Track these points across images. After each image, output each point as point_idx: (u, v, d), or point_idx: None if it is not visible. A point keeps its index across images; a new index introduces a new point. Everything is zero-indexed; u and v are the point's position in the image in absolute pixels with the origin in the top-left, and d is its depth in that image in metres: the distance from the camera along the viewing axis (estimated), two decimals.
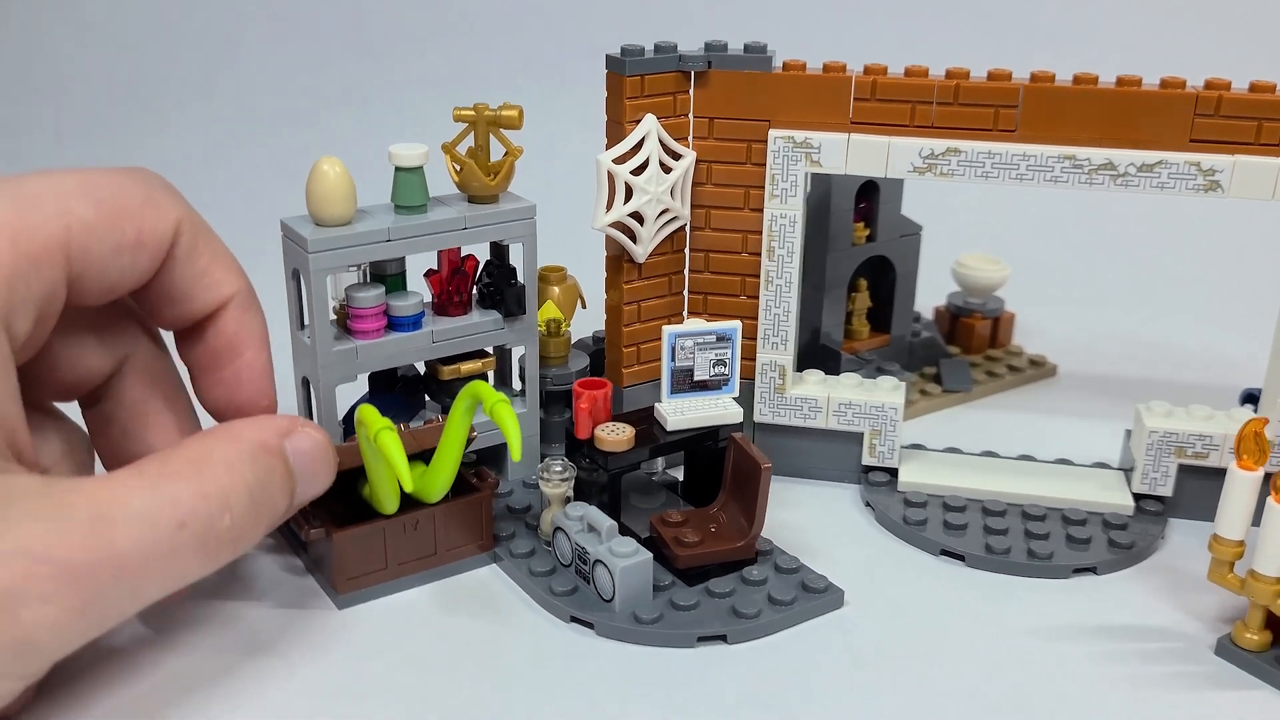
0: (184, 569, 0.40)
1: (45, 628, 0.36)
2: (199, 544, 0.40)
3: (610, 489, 0.53)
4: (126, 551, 0.38)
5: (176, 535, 0.39)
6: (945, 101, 0.55)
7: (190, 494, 0.40)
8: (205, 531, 0.40)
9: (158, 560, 0.39)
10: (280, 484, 0.44)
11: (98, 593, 0.37)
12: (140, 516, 0.39)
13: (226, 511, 0.41)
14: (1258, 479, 0.47)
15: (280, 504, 0.44)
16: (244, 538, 0.42)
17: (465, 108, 0.55)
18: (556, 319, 0.62)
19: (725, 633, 0.49)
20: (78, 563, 0.37)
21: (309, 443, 0.46)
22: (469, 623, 0.50)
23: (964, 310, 0.78)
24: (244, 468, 0.42)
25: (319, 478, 0.46)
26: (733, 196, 0.58)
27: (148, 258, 0.44)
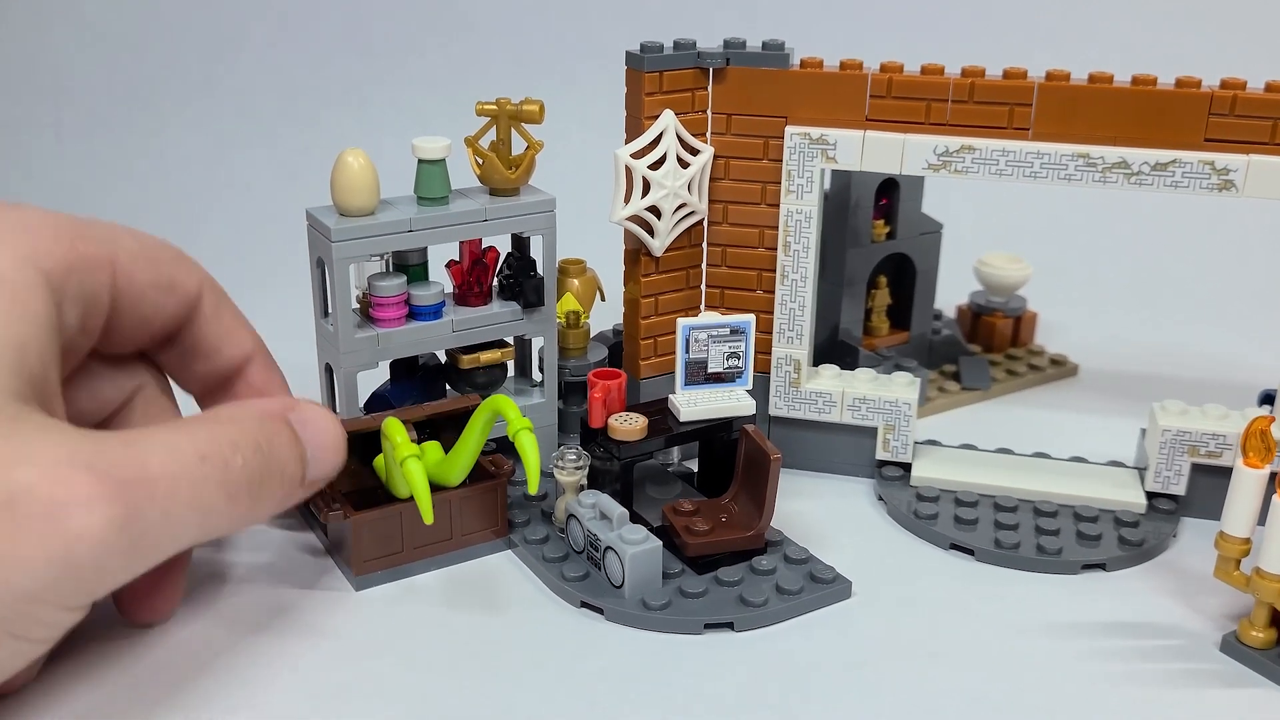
0: (210, 503, 0.40)
1: (89, 541, 0.36)
2: (220, 479, 0.41)
3: (623, 477, 0.54)
4: (157, 474, 0.39)
5: (199, 466, 0.40)
6: (960, 99, 0.55)
7: (205, 433, 0.41)
8: (223, 468, 0.41)
9: (186, 487, 0.39)
10: (288, 447, 0.44)
11: (136, 508, 0.38)
12: (164, 446, 0.40)
13: (238, 453, 0.42)
14: (1264, 477, 0.47)
15: (290, 467, 0.44)
16: (259, 486, 0.43)
17: (488, 102, 0.57)
18: (575, 311, 0.63)
19: (732, 620, 0.49)
20: (116, 473, 0.37)
21: (313, 413, 0.46)
22: (482, 606, 0.51)
23: (986, 309, 0.78)
24: (250, 423, 0.43)
25: (328, 451, 0.46)
26: (750, 192, 0.59)
27: (175, 303, 0.46)
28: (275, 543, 0.55)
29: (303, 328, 0.59)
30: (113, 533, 0.37)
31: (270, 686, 0.45)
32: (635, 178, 0.57)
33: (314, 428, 0.46)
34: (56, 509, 0.36)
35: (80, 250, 0.42)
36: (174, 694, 0.45)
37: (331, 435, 0.47)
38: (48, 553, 0.36)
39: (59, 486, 0.36)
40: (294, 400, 0.47)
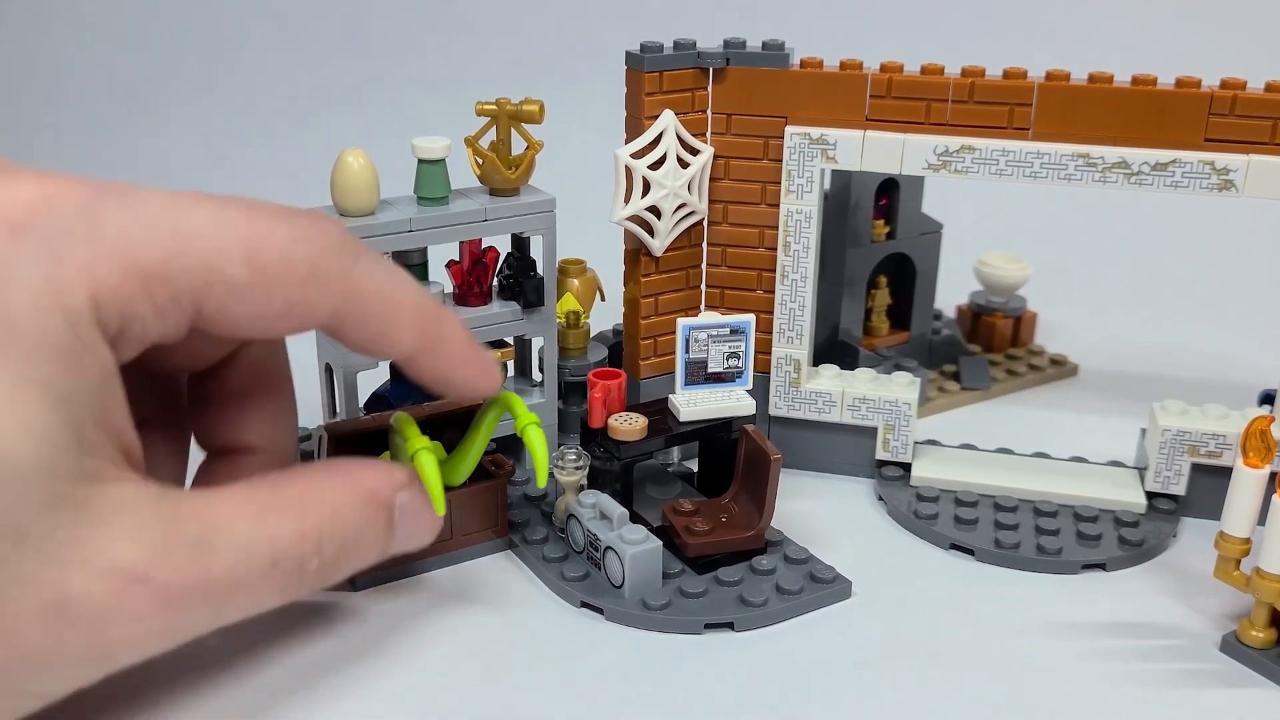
0: (264, 601, 0.40)
1: (127, 646, 0.37)
2: (284, 581, 0.40)
3: (623, 477, 0.54)
4: (220, 580, 0.38)
5: (268, 571, 0.39)
6: (960, 99, 0.55)
7: (289, 534, 0.40)
8: (293, 571, 0.40)
9: (244, 591, 0.39)
10: (378, 536, 0.43)
11: (184, 616, 0.37)
12: (240, 548, 0.38)
13: (317, 555, 0.41)
14: (1264, 477, 0.47)
15: (371, 556, 0.44)
16: (325, 581, 0.42)
17: (487, 102, 0.57)
18: (575, 311, 0.63)
19: (732, 620, 0.49)
20: (173, 587, 0.37)
21: (417, 503, 0.45)
22: (482, 606, 0.51)
23: (986, 309, 0.78)
24: (348, 515, 0.42)
25: (417, 538, 0.45)
26: (749, 192, 0.59)
27: (288, 325, 0.41)
28: None
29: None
30: (154, 639, 0.37)
31: (270, 687, 0.45)
32: (635, 178, 0.57)
33: (413, 520, 0.45)
34: (104, 619, 0.36)
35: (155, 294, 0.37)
36: (173, 694, 0.45)
37: (426, 530, 0.46)
38: (88, 654, 0.36)
39: (111, 598, 0.35)
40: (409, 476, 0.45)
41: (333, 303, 0.40)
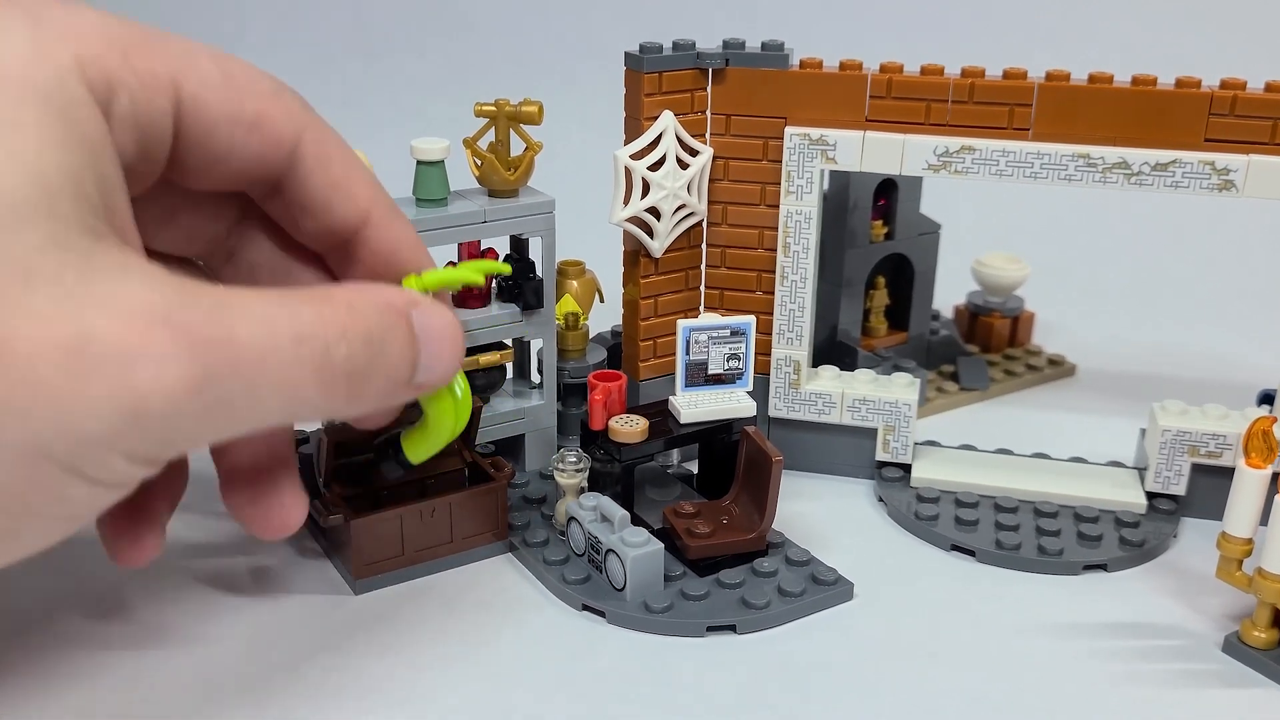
0: (300, 389, 0.37)
1: (160, 394, 0.33)
2: (315, 365, 0.37)
3: (623, 480, 0.54)
4: (245, 343, 0.35)
5: (294, 347, 0.36)
6: (960, 100, 0.55)
7: (310, 315, 0.37)
8: (322, 355, 0.37)
9: (274, 366, 0.36)
10: (402, 346, 0.40)
11: (215, 373, 0.34)
12: (260, 319, 0.36)
13: (343, 342, 0.38)
14: (1266, 477, 0.47)
15: (400, 367, 0.40)
16: (360, 381, 0.39)
17: (486, 103, 0.56)
18: (574, 312, 0.63)
19: (735, 623, 0.49)
20: (198, 333, 0.34)
21: (439, 318, 0.42)
22: (483, 609, 0.51)
23: (983, 309, 0.78)
24: (368, 311, 0.39)
25: (443, 360, 0.42)
26: (749, 193, 0.59)
27: (261, 143, 0.41)
28: (275, 546, 0.55)
29: None
30: (187, 393, 0.34)
31: (270, 688, 0.45)
32: (634, 179, 0.57)
33: (436, 331, 0.41)
34: (129, 359, 0.33)
35: (136, 65, 0.37)
36: (173, 695, 0.45)
37: (451, 342, 0.42)
38: (116, 401, 0.33)
39: (133, 336, 0.33)
40: (419, 295, 0.42)
41: (297, 128, 0.42)
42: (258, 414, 0.36)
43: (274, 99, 0.41)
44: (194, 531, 0.56)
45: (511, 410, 0.60)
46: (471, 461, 0.55)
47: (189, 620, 0.49)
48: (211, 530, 0.56)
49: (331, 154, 0.43)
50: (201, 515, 0.57)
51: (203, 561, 0.53)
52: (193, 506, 0.57)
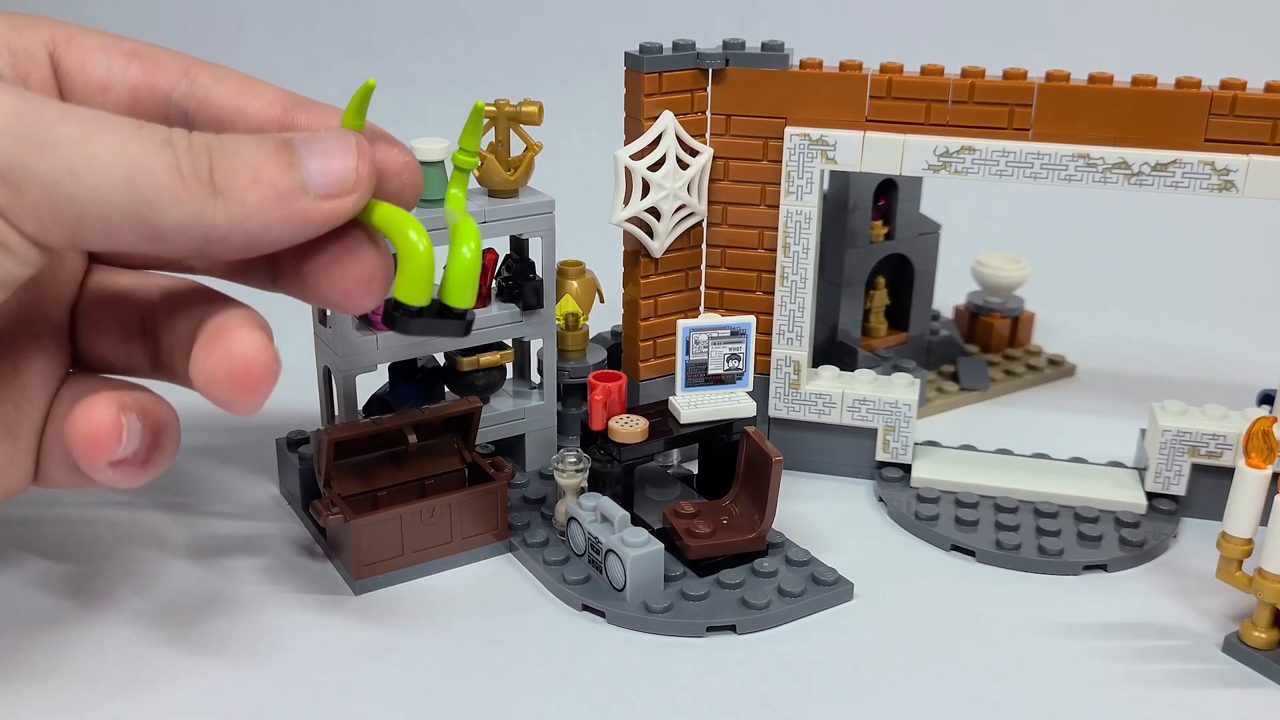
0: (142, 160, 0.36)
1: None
2: (158, 146, 0.37)
3: (623, 480, 0.54)
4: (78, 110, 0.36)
5: (134, 128, 0.37)
6: (960, 100, 0.55)
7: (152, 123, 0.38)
8: (165, 141, 0.37)
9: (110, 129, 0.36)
10: (270, 149, 0.39)
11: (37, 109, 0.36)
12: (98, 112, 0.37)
13: (187, 138, 0.37)
14: (1266, 477, 0.47)
15: (269, 164, 0.38)
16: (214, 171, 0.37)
17: (487, 103, 0.56)
18: (575, 313, 0.63)
19: (734, 623, 0.49)
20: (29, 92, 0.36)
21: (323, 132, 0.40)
22: (482, 609, 0.50)
23: (983, 309, 0.78)
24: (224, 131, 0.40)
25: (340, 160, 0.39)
26: (749, 193, 0.59)
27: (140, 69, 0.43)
28: (275, 546, 0.55)
29: (301, 330, 0.59)
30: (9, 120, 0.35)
31: (270, 686, 0.45)
32: (634, 179, 0.57)
33: (324, 140, 0.39)
34: None
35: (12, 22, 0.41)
36: (173, 692, 0.45)
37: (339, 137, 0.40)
38: None
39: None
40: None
41: (184, 61, 0.43)
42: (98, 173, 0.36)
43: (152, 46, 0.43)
44: (191, 534, 0.55)
45: (511, 410, 0.60)
46: (471, 462, 0.55)
47: (188, 619, 0.49)
48: (212, 529, 0.56)
49: (224, 71, 0.44)
50: (200, 516, 0.57)
51: (202, 560, 0.53)
52: (191, 506, 0.58)
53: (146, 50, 0.43)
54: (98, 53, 0.42)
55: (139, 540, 0.55)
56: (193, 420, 0.54)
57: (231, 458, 0.62)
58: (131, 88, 0.43)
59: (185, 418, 0.54)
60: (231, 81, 0.44)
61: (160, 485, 0.59)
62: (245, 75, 0.44)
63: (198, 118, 0.43)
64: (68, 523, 0.56)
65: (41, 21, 0.42)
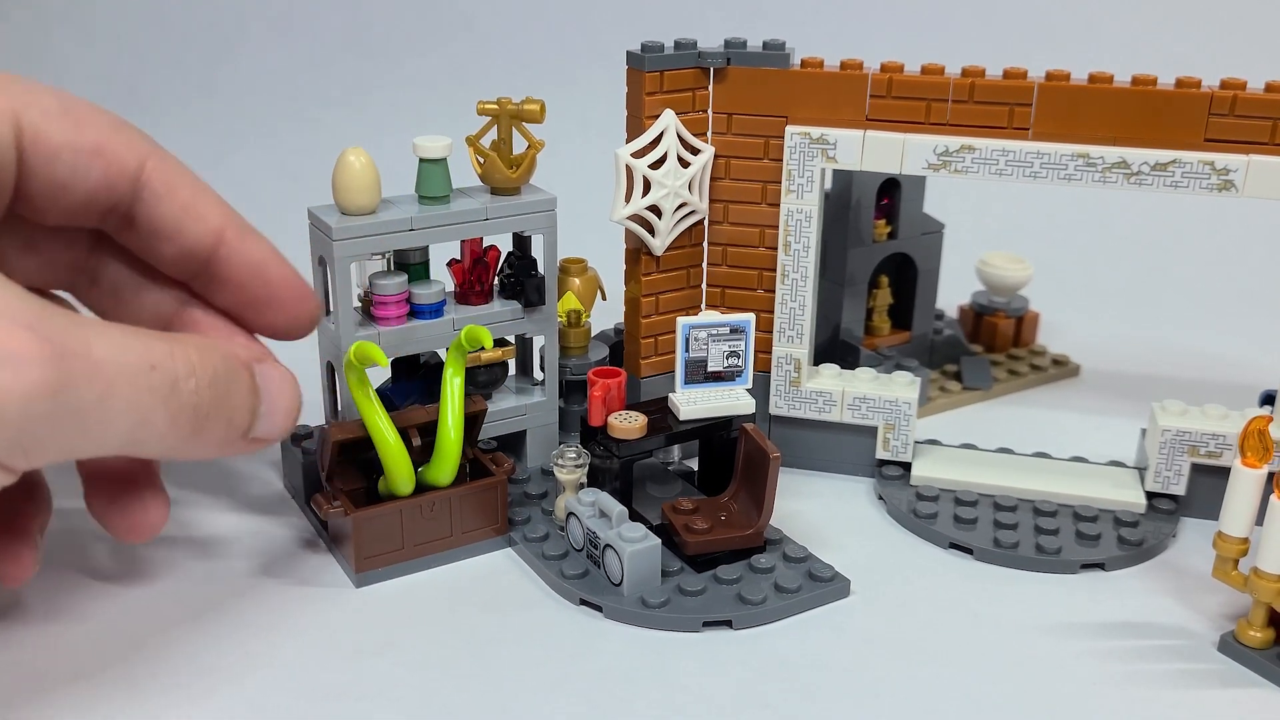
0: (148, 413, 0.39)
1: (18, 398, 0.35)
2: (165, 394, 0.39)
3: (622, 476, 0.54)
4: (101, 358, 0.37)
5: (146, 373, 0.39)
6: (960, 99, 0.55)
7: (163, 348, 0.40)
8: (170, 385, 0.39)
9: (127, 385, 0.38)
10: (243, 394, 0.43)
11: (71, 380, 0.36)
12: (115, 343, 0.38)
13: (193, 377, 0.40)
14: (1262, 477, 0.47)
15: (241, 413, 0.43)
16: (204, 420, 0.41)
17: (489, 101, 0.57)
18: (576, 310, 0.63)
19: (731, 618, 0.49)
20: (58, 342, 0.36)
21: (278, 374, 0.45)
22: (482, 604, 0.51)
23: (988, 309, 0.78)
24: (213, 356, 0.42)
25: (280, 415, 0.45)
26: (750, 191, 0.59)
27: (104, 170, 0.43)
28: (276, 539, 0.55)
29: None
30: (43, 397, 0.36)
31: (269, 686, 0.46)
32: (636, 177, 0.57)
33: (276, 388, 0.44)
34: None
35: None
36: (173, 691, 0.45)
37: (288, 400, 0.45)
38: None
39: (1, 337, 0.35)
40: (265, 351, 0.46)
41: (139, 158, 0.44)
42: (108, 433, 0.38)
43: (114, 130, 0.44)
44: (195, 527, 0.56)
45: (513, 406, 0.60)
46: (473, 457, 0.56)
47: (189, 615, 0.50)
48: (213, 525, 0.56)
49: (177, 180, 0.45)
50: (202, 510, 0.57)
51: (203, 554, 0.54)
52: (192, 501, 0.58)
53: (108, 145, 0.43)
54: (64, 151, 0.42)
55: None
56: None
57: None
58: (88, 193, 0.44)
59: None
60: (179, 196, 0.45)
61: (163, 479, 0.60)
62: (195, 186, 0.46)
63: (139, 223, 0.45)
64: (67, 516, 0.56)
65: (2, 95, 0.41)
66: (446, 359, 0.52)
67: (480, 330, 0.50)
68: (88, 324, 0.38)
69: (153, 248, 0.46)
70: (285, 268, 0.48)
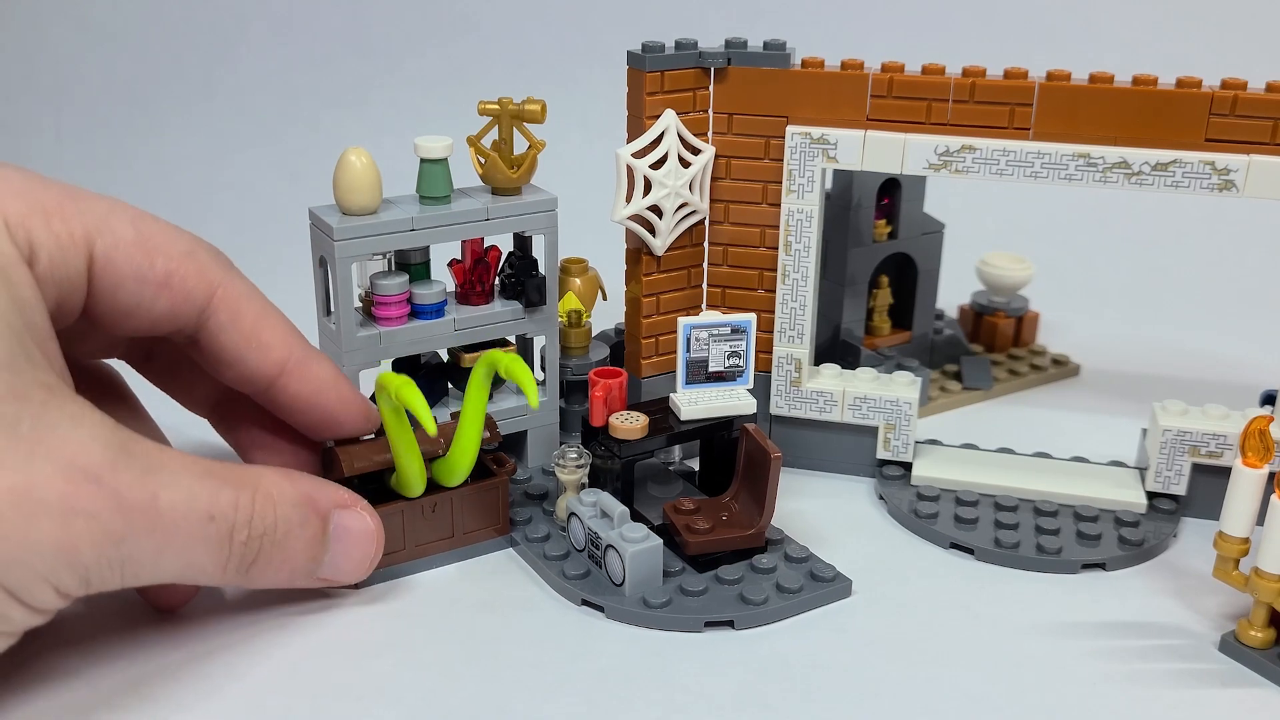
0: (198, 560, 0.42)
1: (89, 542, 0.38)
2: (218, 543, 0.42)
3: (624, 476, 0.54)
4: (164, 510, 0.40)
5: (205, 524, 0.41)
6: (961, 99, 0.55)
7: (228, 499, 0.42)
8: (224, 534, 0.42)
9: (183, 536, 0.41)
10: (308, 539, 0.45)
11: (134, 532, 0.39)
12: (184, 490, 0.41)
13: (247, 528, 0.43)
14: (1262, 476, 0.47)
15: (299, 558, 0.45)
16: (253, 564, 0.44)
17: (490, 101, 0.57)
18: (577, 310, 0.63)
19: (732, 619, 0.49)
20: (124, 496, 0.39)
21: (359, 524, 0.47)
22: (483, 604, 0.51)
23: (988, 309, 0.78)
24: (284, 504, 0.44)
25: (352, 561, 0.47)
26: (751, 191, 0.59)
27: (169, 301, 0.44)
28: None
29: (305, 326, 0.59)
30: (110, 545, 0.39)
31: (270, 685, 0.46)
32: (637, 177, 0.57)
33: (349, 541, 0.47)
34: (67, 510, 0.38)
35: (55, 227, 0.41)
36: (174, 692, 0.45)
37: (363, 551, 0.47)
38: (55, 543, 0.38)
39: (71, 490, 0.38)
40: (353, 500, 0.47)
41: (209, 287, 0.45)
42: (160, 570, 0.41)
43: (187, 259, 0.44)
44: None
45: (514, 407, 0.60)
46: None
47: (190, 615, 0.50)
48: None
49: (244, 308, 0.46)
50: None
51: None
52: None
53: (176, 277, 0.44)
54: (130, 282, 0.43)
55: None
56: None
57: None
58: (154, 320, 0.45)
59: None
60: (243, 326, 0.46)
61: None
62: (261, 315, 0.47)
63: (202, 347, 0.47)
64: None
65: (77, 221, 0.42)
66: (475, 370, 0.51)
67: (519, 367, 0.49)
68: (158, 464, 0.40)
69: (216, 369, 0.48)
70: (346, 390, 0.50)
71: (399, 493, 0.52)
